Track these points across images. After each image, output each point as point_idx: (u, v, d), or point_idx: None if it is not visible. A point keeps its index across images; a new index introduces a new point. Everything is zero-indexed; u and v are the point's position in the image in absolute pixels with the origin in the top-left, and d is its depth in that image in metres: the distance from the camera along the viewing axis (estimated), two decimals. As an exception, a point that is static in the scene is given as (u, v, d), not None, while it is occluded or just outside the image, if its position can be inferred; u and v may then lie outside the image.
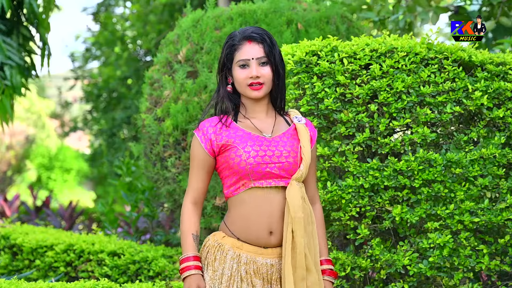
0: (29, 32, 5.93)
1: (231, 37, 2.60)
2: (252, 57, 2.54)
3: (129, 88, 13.24)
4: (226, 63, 2.60)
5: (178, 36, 5.00)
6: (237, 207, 2.56)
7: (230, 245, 2.55)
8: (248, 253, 2.53)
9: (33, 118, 18.40)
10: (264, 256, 2.53)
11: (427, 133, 3.32)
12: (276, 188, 2.53)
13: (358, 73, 3.38)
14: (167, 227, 6.08)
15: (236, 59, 2.56)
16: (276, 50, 2.58)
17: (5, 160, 16.70)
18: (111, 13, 14.09)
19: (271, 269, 2.53)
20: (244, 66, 2.55)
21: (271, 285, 2.52)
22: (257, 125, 2.60)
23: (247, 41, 2.56)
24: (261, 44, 2.55)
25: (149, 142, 4.90)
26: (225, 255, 2.54)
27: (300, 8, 5.03)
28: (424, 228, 3.41)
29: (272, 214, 2.53)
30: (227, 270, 2.52)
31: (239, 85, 2.57)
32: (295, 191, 2.52)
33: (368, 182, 3.33)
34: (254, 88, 2.55)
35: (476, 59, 3.44)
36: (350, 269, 3.38)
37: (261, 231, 2.52)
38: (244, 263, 2.52)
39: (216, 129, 2.57)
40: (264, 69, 2.55)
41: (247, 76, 2.54)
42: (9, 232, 5.49)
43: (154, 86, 4.96)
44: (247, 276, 2.51)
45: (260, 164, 2.51)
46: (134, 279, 4.59)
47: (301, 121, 2.64)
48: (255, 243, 2.54)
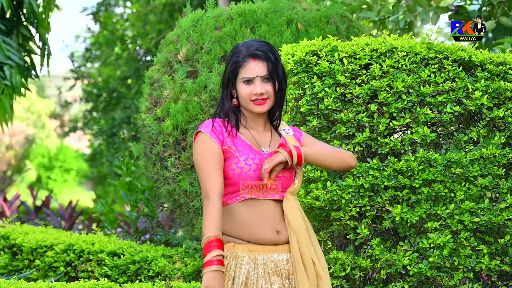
0: (29, 32, 5.93)
1: (235, 52, 2.61)
2: (257, 75, 2.57)
3: (129, 88, 13.25)
4: (231, 79, 2.62)
5: (178, 36, 5.00)
6: (237, 215, 2.57)
7: (242, 251, 2.55)
8: (264, 253, 2.55)
9: (33, 118, 18.39)
10: (279, 252, 2.56)
11: (427, 133, 3.32)
12: (272, 200, 2.57)
13: (358, 73, 3.38)
14: (167, 227, 6.08)
15: (240, 75, 2.59)
16: (279, 66, 2.62)
17: (5, 160, 16.70)
18: (111, 13, 14.09)
19: (287, 265, 2.56)
20: (249, 81, 2.58)
21: (288, 280, 2.55)
22: (256, 138, 2.64)
23: (252, 59, 2.58)
24: (265, 62, 2.58)
25: (149, 142, 4.89)
26: (241, 262, 2.54)
27: (300, 8, 5.02)
28: (424, 228, 3.41)
29: (274, 218, 2.56)
30: (243, 275, 2.53)
31: (243, 100, 2.60)
32: (292, 204, 2.57)
33: (368, 182, 3.32)
34: (258, 103, 2.58)
35: (476, 59, 3.44)
36: (350, 269, 3.38)
37: (269, 232, 2.55)
38: (262, 263, 2.54)
39: (222, 130, 2.59)
40: (268, 85, 2.59)
41: (251, 92, 2.57)
42: (9, 232, 5.49)
43: (154, 86, 4.96)
44: (265, 275, 2.53)
45: (259, 179, 2.54)
46: (134, 279, 4.59)
47: (289, 133, 2.69)
48: (266, 243, 2.56)
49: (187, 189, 4.60)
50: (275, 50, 2.63)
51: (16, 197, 9.23)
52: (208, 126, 2.58)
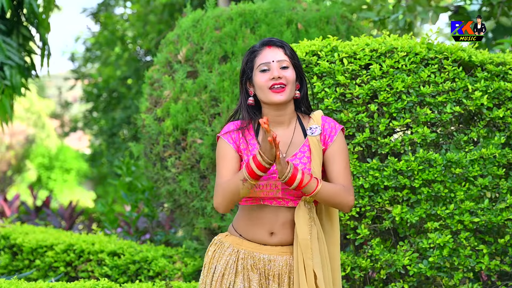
0: (29, 32, 5.93)
1: (250, 48, 2.60)
2: (273, 60, 2.51)
3: (129, 88, 13.25)
4: (246, 71, 2.57)
5: (178, 36, 5.00)
6: (245, 211, 2.59)
7: (230, 242, 2.59)
8: (247, 248, 2.56)
9: (33, 118, 18.40)
10: (262, 251, 2.55)
11: (427, 133, 3.32)
12: (284, 207, 2.55)
13: (358, 73, 3.38)
14: (167, 227, 6.08)
15: (256, 64, 2.54)
16: (297, 56, 2.58)
17: (5, 160, 16.70)
18: (111, 13, 14.09)
19: (268, 264, 2.54)
20: (265, 70, 2.52)
21: (268, 280, 2.54)
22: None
23: (267, 46, 2.55)
24: (281, 48, 2.54)
25: (149, 142, 4.90)
26: (224, 252, 2.58)
27: (300, 8, 5.03)
28: (424, 228, 3.41)
29: (277, 222, 2.56)
30: (221, 266, 2.56)
31: (261, 90, 2.52)
32: (304, 213, 2.52)
33: (368, 182, 3.33)
34: (276, 90, 2.49)
35: (476, 59, 3.44)
36: (350, 269, 3.38)
37: (262, 231, 2.56)
38: (242, 258, 2.56)
39: (239, 135, 2.56)
40: (287, 71, 2.52)
41: (268, 78, 2.50)
42: (9, 232, 5.49)
43: (154, 86, 4.96)
44: (243, 271, 2.54)
45: (269, 190, 2.52)
46: (134, 279, 4.59)
47: (314, 133, 2.56)
48: (254, 240, 2.57)
49: (187, 189, 4.61)
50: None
51: (16, 197, 9.23)
52: (227, 131, 2.57)
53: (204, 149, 4.47)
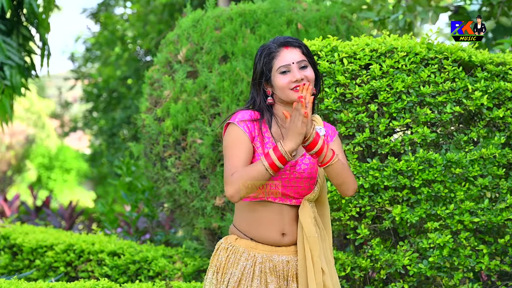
0: (29, 32, 5.93)
1: (265, 47, 2.56)
2: (293, 62, 2.51)
3: (129, 88, 13.25)
4: (264, 72, 2.55)
5: (178, 36, 5.00)
6: (249, 212, 2.57)
7: (244, 246, 2.56)
8: (264, 252, 2.54)
9: (33, 118, 18.40)
10: (279, 253, 2.55)
11: (427, 133, 3.32)
12: (287, 205, 2.55)
13: (358, 73, 3.38)
14: (167, 227, 6.08)
15: (275, 66, 2.52)
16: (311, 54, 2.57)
17: (5, 160, 16.70)
18: (111, 13, 14.09)
19: (287, 266, 2.55)
20: (285, 72, 2.51)
21: (287, 281, 2.54)
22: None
23: (284, 47, 2.54)
24: (299, 48, 2.54)
25: (149, 142, 4.90)
26: (239, 257, 2.55)
27: (300, 8, 5.03)
28: (424, 228, 3.41)
29: (284, 221, 2.55)
30: (238, 272, 2.53)
31: (282, 91, 2.52)
32: (308, 212, 2.53)
33: (368, 182, 3.33)
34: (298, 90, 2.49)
35: (476, 59, 3.44)
36: (350, 269, 3.38)
37: (274, 233, 2.55)
38: (260, 262, 2.54)
39: (254, 126, 2.53)
40: (307, 71, 2.52)
41: (290, 80, 2.50)
42: (9, 232, 5.49)
43: (154, 86, 4.96)
44: (260, 275, 2.52)
45: (277, 186, 2.52)
46: (134, 279, 4.59)
47: (321, 133, 2.55)
48: (268, 243, 2.55)
49: (187, 189, 4.61)
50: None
51: (16, 197, 9.24)
52: (242, 119, 2.51)
53: (204, 149, 4.47)
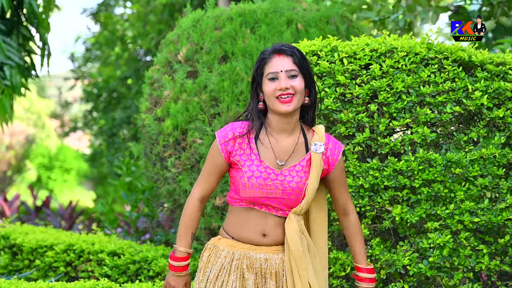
0: (29, 32, 5.94)
1: (262, 52, 2.60)
2: (281, 70, 2.51)
3: (129, 88, 13.25)
4: (256, 78, 2.58)
5: (178, 36, 5.00)
6: (235, 215, 2.62)
7: (224, 245, 2.61)
8: (242, 249, 2.58)
9: (33, 118, 18.40)
10: (257, 251, 2.56)
11: (427, 133, 3.32)
12: (272, 214, 2.56)
13: (358, 73, 3.38)
14: (167, 227, 6.08)
15: (265, 72, 2.54)
16: (307, 63, 2.56)
17: (5, 160, 16.70)
18: (111, 13, 14.09)
19: (265, 264, 2.56)
20: (274, 79, 2.51)
21: (265, 279, 2.55)
22: (275, 148, 2.57)
23: (277, 54, 2.54)
24: (291, 57, 2.53)
25: (149, 142, 4.90)
26: (219, 256, 2.60)
27: (300, 8, 5.03)
28: (424, 228, 3.41)
29: (267, 225, 2.59)
30: (216, 268, 2.58)
31: (268, 98, 2.53)
32: (293, 225, 2.55)
33: (368, 182, 3.33)
34: (283, 101, 2.49)
35: (476, 59, 3.44)
36: (350, 269, 3.38)
37: (254, 233, 2.59)
38: (237, 259, 2.58)
39: (235, 143, 2.57)
40: (295, 81, 2.51)
41: (276, 88, 2.50)
42: (9, 232, 5.49)
43: (154, 86, 4.96)
44: (237, 271, 2.56)
45: (261, 198, 2.55)
46: (134, 279, 4.59)
47: (318, 151, 2.58)
48: (248, 242, 2.59)
49: (187, 189, 4.61)
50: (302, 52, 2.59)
51: (16, 197, 9.24)
52: (223, 137, 2.58)
53: (204, 149, 4.47)
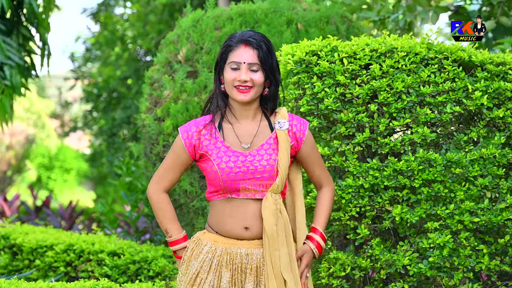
0: (29, 32, 5.94)
1: (230, 37, 2.61)
2: (244, 61, 2.54)
3: (129, 88, 13.25)
4: (219, 62, 2.61)
5: (178, 36, 5.00)
6: (216, 208, 2.64)
7: (207, 239, 2.62)
8: (224, 245, 2.59)
9: (33, 118, 18.40)
10: (239, 246, 2.57)
11: (427, 133, 3.32)
12: (252, 199, 2.57)
13: (358, 73, 3.38)
14: (167, 227, 6.07)
15: (229, 60, 2.57)
16: (272, 57, 2.58)
17: (5, 160, 16.70)
18: (111, 13, 14.09)
19: (246, 258, 2.57)
20: (235, 69, 2.55)
21: (245, 274, 2.56)
22: (239, 132, 2.61)
23: (243, 45, 2.56)
24: (256, 50, 2.55)
25: (149, 142, 4.90)
26: (201, 250, 2.61)
27: (300, 8, 5.03)
28: (424, 228, 3.41)
29: (247, 216, 2.59)
30: (197, 264, 2.59)
31: (227, 85, 2.58)
32: (270, 203, 2.56)
33: (368, 182, 3.33)
34: (240, 91, 2.55)
35: (476, 59, 3.44)
36: (350, 269, 3.38)
37: (236, 227, 2.59)
38: (218, 255, 2.59)
39: (199, 136, 2.60)
40: (255, 75, 2.55)
41: (236, 78, 2.54)
42: (9, 232, 5.49)
43: (154, 86, 4.96)
44: (216, 268, 2.57)
45: (234, 181, 2.56)
46: (134, 279, 4.59)
47: (283, 127, 2.62)
48: (231, 236, 2.60)
49: (187, 189, 4.61)
50: (270, 42, 2.59)
51: (16, 197, 9.24)
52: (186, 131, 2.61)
53: (204, 149, 4.47)
